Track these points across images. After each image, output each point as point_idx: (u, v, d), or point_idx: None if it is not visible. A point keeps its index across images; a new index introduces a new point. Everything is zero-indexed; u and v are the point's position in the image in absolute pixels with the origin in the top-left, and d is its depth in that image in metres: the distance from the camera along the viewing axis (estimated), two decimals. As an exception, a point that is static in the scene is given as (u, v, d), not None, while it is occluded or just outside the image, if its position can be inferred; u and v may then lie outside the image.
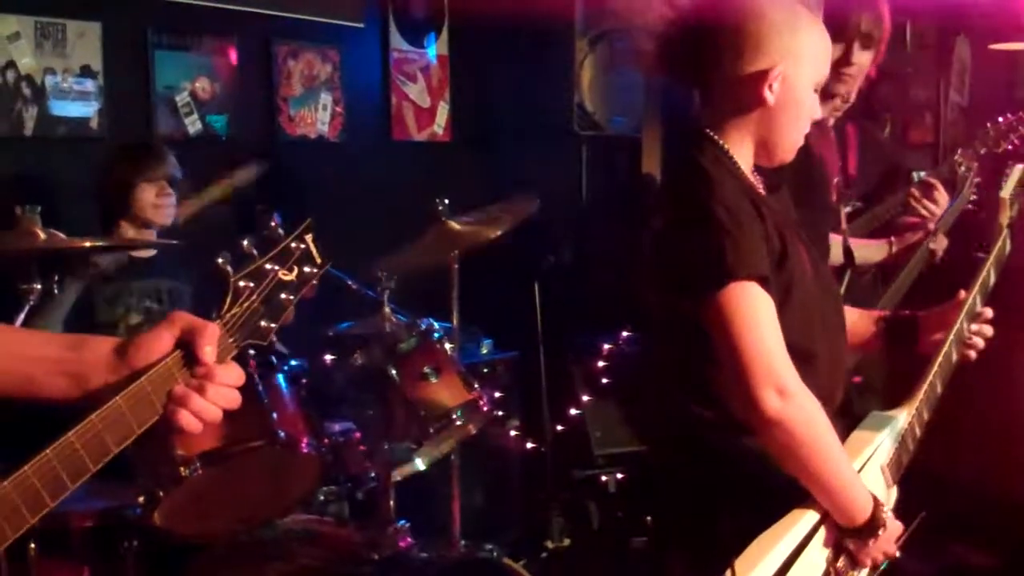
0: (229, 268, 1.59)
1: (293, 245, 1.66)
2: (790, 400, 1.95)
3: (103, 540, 3.06)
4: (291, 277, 1.65)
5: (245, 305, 1.59)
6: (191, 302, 3.74)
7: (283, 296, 1.64)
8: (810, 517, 2.08)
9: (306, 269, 1.67)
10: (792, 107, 2.16)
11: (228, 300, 1.58)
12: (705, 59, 2.18)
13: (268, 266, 1.62)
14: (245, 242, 1.62)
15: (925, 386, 2.39)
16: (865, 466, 2.21)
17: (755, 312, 2.00)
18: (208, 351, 1.51)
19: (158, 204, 3.68)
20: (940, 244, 3.54)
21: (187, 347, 1.52)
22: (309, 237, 1.68)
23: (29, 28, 3.99)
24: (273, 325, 1.63)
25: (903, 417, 2.34)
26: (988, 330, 2.52)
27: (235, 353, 1.58)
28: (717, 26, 2.15)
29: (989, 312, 2.52)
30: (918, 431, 2.37)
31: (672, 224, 2.16)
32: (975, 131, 3.78)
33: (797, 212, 2.38)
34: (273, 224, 1.65)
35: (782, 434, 1.97)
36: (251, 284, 1.60)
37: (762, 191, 2.23)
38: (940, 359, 2.41)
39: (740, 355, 1.98)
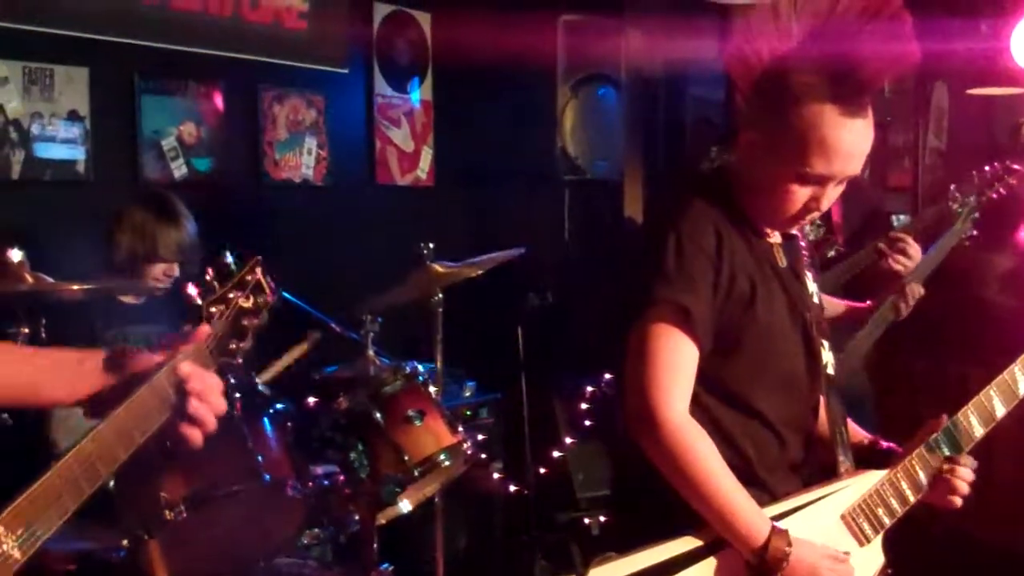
0: (198, 297, 1.76)
1: (248, 277, 1.83)
2: (654, 431, 2.06)
3: (86, 584, 3.05)
4: (249, 304, 1.82)
5: (217, 326, 1.77)
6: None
7: (244, 322, 1.81)
8: (688, 542, 2.11)
9: (259, 299, 1.84)
10: (762, 179, 2.16)
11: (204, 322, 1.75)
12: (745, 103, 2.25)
13: (230, 294, 1.80)
14: (208, 275, 1.79)
15: (912, 455, 2.35)
16: (805, 508, 2.21)
17: (655, 342, 2.10)
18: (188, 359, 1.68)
19: (162, 281, 3.59)
20: (915, 292, 3.44)
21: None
22: (259, 270, 1.85)
23: (17, 72, 4.01)
24: (242, 345, 1.81)
25: (879, 476, 2.32)
26: (964, 483, 2.35)
27: (213, 370, 1.74)
28: (757, 78, 2.19)
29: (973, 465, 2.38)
30: (909, 495, 2.32)
31: (637, 252, 2.27)
32: (953, 175, 3.76)
33: None
34: (227, 260, 1.82)
35: (653, 455, 2.09)
36: (220, 308, 1.78)
37: (770, 239, 2.27)
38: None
39: (626, 380, 2.13)
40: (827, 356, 2.34)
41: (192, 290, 1.77)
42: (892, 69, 2.15)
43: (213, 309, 1.76)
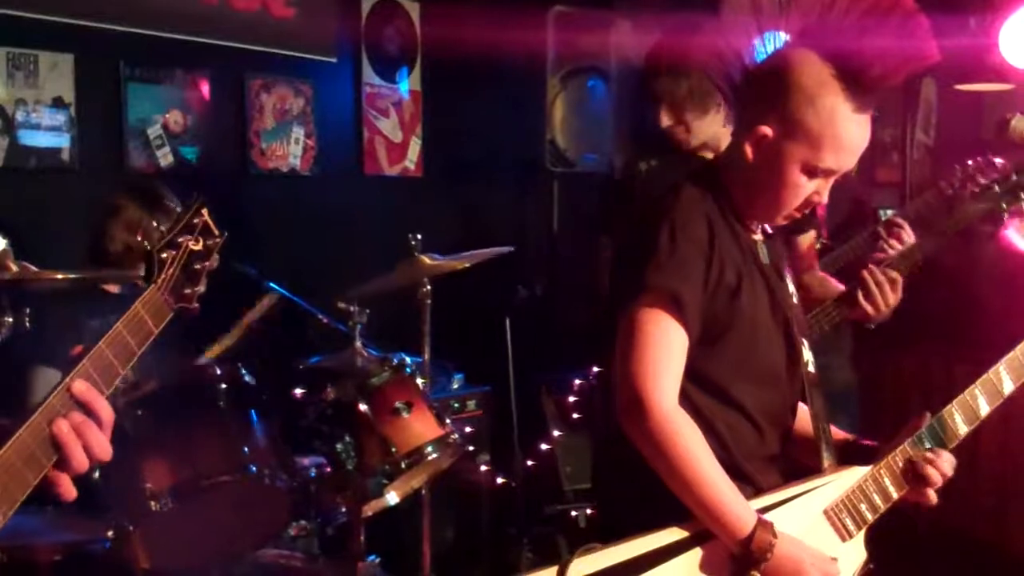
0: (146, 243, 1.74)
1: (195, 220, 1.81)
2: (642, 418, 2.05)
3: (70, 574, 3.03)
4: (199, 247, 1.80)
5: (170, 272, 1.75)
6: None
7: (196, 265, 1.80)
8: (673, 533, 2.09)
9: (209, 241, 1.82)
10: (770, 174, 2.15)
11: (156, 269, 1.73)
12: (740, 100, 2.23)
13: (179, 238, 1.78)
14: (154, 221, 1.80)
15: (896, 451, 2.35)
16: (788, 503, 2.21)
17: (645, 328, 2.09)
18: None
19: None
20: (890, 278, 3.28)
21: None
22: (205, 211, 1.83)
23: (0, 58, 3.97)
24: (196, 290, 1.79)
25: (862, 472, 2.32)
26: (939, 475, 2.33)
27: (171, 316, 1.72)
28: (755, 73, 2.18)
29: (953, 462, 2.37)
30: (892, 491, 2.33)
31: (627, 238, 2.27)
32: (941, 169, 3.75)
33: None
34: (171, 203, 1.78)
35: (640, 443, 2.08)
36: (171, 253, 1.76)
37: (755, 235, 2.27)
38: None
39: (616, 367, 2.11)
40: (808, 355, 2.34)
41: (138, 238, 1.75)
42: (905, 67, 2.14)
43: (164, 255, 1.74)
